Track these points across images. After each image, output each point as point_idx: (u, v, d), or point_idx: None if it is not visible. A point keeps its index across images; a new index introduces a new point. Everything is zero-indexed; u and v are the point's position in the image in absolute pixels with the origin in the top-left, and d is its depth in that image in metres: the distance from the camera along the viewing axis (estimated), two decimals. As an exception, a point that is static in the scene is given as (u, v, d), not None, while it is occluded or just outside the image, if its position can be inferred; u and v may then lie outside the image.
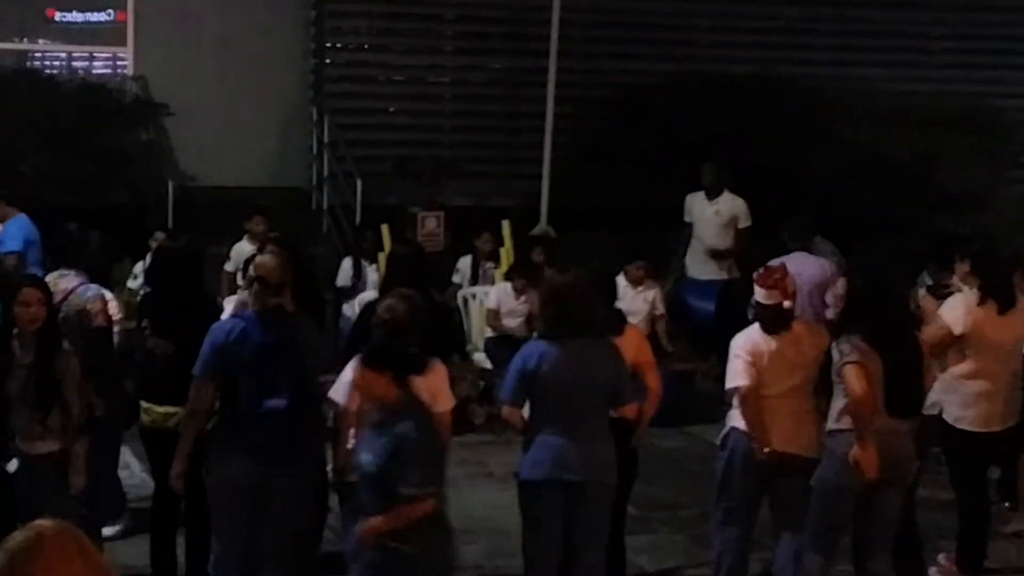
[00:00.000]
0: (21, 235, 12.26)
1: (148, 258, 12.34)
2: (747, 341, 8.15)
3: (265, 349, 7.34)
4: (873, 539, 8.00)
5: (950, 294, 9.24)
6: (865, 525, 7.97)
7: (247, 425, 7.33)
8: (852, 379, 7.61)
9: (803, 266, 11.43)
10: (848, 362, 7.65)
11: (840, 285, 8.32)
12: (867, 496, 7.84)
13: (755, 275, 8.27)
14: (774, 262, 8.59)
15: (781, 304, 8.14)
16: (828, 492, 7.88)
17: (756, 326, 8.19)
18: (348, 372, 7.44)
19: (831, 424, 7.91)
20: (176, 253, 8.91)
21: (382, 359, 6.79)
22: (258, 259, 7.68)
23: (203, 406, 7.33)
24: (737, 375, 8.08)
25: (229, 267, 13.72)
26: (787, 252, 12.05)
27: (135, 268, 13.10)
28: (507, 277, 13.22)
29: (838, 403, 7.81)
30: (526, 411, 7.86)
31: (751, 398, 8.04)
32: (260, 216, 13.60)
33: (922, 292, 9.98)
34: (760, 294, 8.12)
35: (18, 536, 3.79)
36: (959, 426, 8.82)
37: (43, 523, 3.82)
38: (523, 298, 12.65)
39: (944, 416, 8.80)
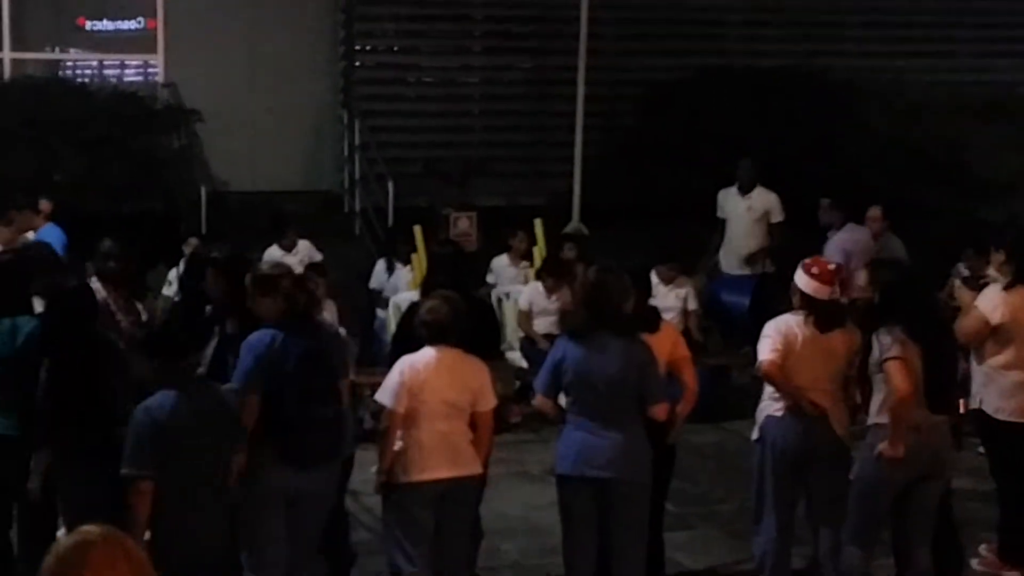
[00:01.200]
0: (58, 245, 12.32)
1: (182, 265, 12.40)
2: (781, 324, 8.09)
3: (307, 358, 7.37)
4: (913, 533, 7.96)
5: (986, 285, 9.19)
6: (905, 519, 7.93)
7: (291, 434, 7.31)
8: (896, 376, 7.56)
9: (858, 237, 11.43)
10: (890, 357, 7.60)
11: (861, 276, 8.25)
12: (907, 490, 7.81)
13: (804, 263, 8.17)
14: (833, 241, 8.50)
15: (838, 300, 8.10)
16: (867, 486, 7.85)
17: (791, 314, 8.13)
18: (395, 374, 7.48)
19: (872, 418, 7.86)
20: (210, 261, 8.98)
21: None
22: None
23: (250, 420, 7.26)
24: (764, 351, 8.03)
25: (263, 271, 13.76)
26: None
27: (169, 275, 13.14)
28: (537, 276, 13.20)
29: (878, 397, 7.76)
30: (562, 401, 7.87)
31: (776, 373, 8.00)
32: (287, 228, 13.76)
33: (958, 283, 9.94)
34: (811, 287, 8.04)
35: (66, 541, 3.84)
36: (998, 416, 8.76)
37: (90, 528, 3.86)
38: (554, 297, 12.63)
39: (983, 407, 8.75)
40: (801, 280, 8.06)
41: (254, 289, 7.51)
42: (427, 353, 7.53)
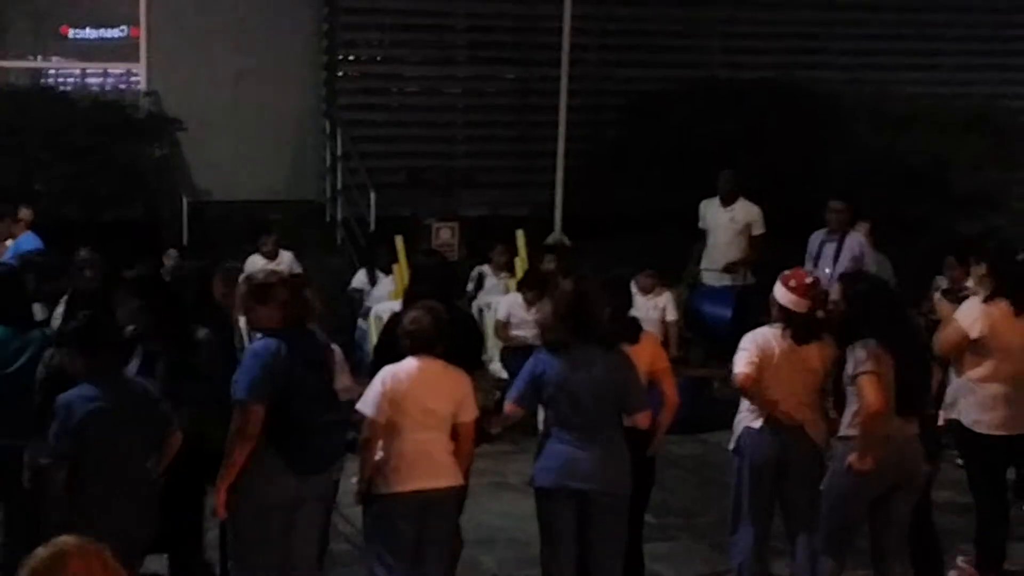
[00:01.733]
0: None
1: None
2: (758, 336, 8.11)
3: (312, 364, 7.36)
4: (889, 544, 7.97)
5: (966, 297, 9.21)
6: (880, 531, 7.94)
7: (300, 441, 7.28)
8: (868, 390, 7.56)
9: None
10: (863, 372, 7.61)
11: (835, 290, 8.26)
12: (879, 502, 7.82)
13: (783, 276, 8.18)
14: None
15: (814, 313, 8.11)
16: (837, 498, 7.85)
17: (768, 327, 8.14)
18: (377, 384, 7.46)
19: (843, 430, 7.88)
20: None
21: None
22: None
23: (256, 430, 7.22)
24: (740, 364, 8.04)
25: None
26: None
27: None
28: (518, 288, 13.19)
29: (850, 409, 7.78)
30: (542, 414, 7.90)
31: (751, 386, 8.01)
32: (266, 235, 13.74)
33: (937, 296, 9.95)
34: (788, 299, 8.05)
35: (41, 552, 3.83)
36: (976, 429, 8.77)
37: (66, 539, 3.87)
38: (533, 309, 12.62)
39: (961, 419, 8.76)
40: (779, 292, 8.08)
41: (250, 298, 7.47)
42: (409, 363, 7.52)
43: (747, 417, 8.16)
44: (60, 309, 9.36)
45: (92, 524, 6.64)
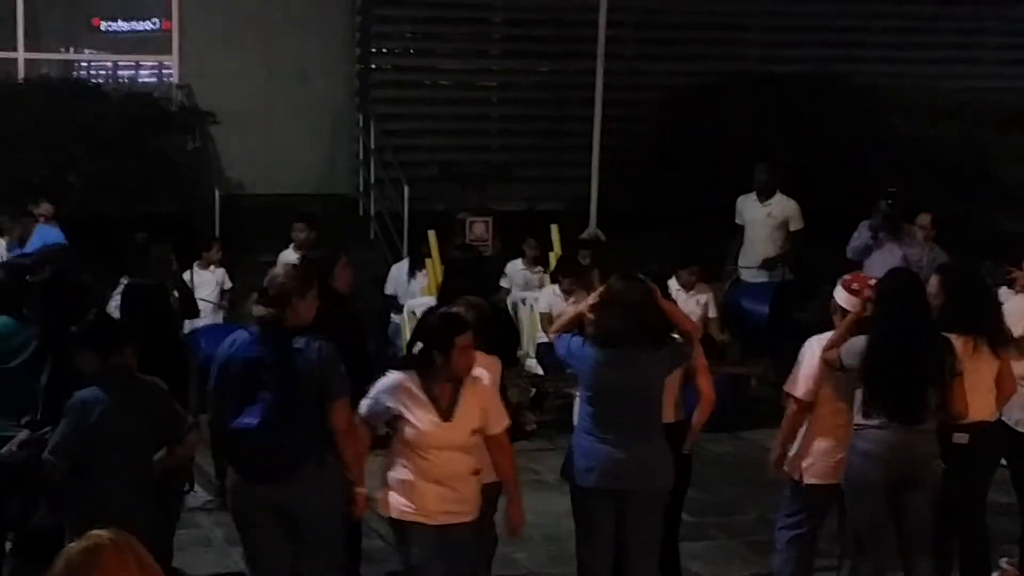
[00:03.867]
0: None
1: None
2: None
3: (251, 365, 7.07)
4: (911, 544, 7.82)
5: (1013, 280, 9.10)
6: (901, 531, 7.81)
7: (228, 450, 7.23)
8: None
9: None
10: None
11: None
12: (897, 500, 7.69)
13: (844, 280, 8.05)
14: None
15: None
16: (854, 488, 7.77)
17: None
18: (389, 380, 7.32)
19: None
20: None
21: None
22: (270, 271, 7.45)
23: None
24: (798, 382, 7.94)
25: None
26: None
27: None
28: (553, 279, 13.05)
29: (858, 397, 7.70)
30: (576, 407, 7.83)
31: (800, 413, 7.93)
32: (302, 223, 13.52)
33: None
34: (852, 303, 7.92)
35: (76, 546, 3.82)
36: (1019, 429, 8.63)
37: (100, 533, 3.86)
38: (571, 299, 12.48)
39: (1005, 419, 8.60)
40: (841, 297, 7.96)
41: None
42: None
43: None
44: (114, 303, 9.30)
45: (96, 523, 6.69)
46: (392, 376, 7.20)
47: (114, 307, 9.12)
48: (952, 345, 7.75)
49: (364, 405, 7.22)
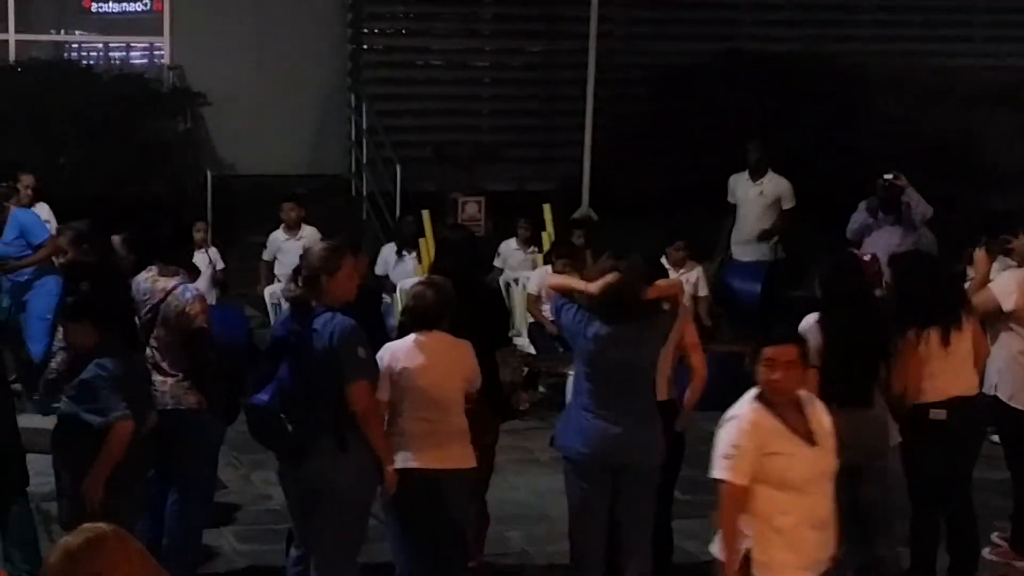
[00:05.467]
0: (39, 225, 12.19)
1: None
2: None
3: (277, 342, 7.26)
4: (868, 525, 7.89)
5: (1010, 250, 9.13)
6: (856, 513, 7.83)
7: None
8: None
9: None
10: None
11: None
12: (849, 483, 7.73)
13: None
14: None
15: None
16: None
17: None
18: (385, 358, 7.36)
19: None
20: None
21: None
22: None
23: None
24: None
25: (266, 256, 13.69)
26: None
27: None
28: (546, 260, 13.06)
29: None
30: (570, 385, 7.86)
31: None
32: (292, 203, 13.57)
33: (979, 251, 9.81)
34: None
35: (76, 537, 3.77)
36: (1013, 404, 8.65)
37: (100, 525, 3.83)
38: (564, 278, 12.49)
39: (998, 394, 8.62)
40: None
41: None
42: (409, 340, 7.44)
43: None
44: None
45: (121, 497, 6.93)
46: None
47: None
48: (893, 328, 7.86)
49: None
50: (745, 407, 6.40)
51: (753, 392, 6.42)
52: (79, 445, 7.18)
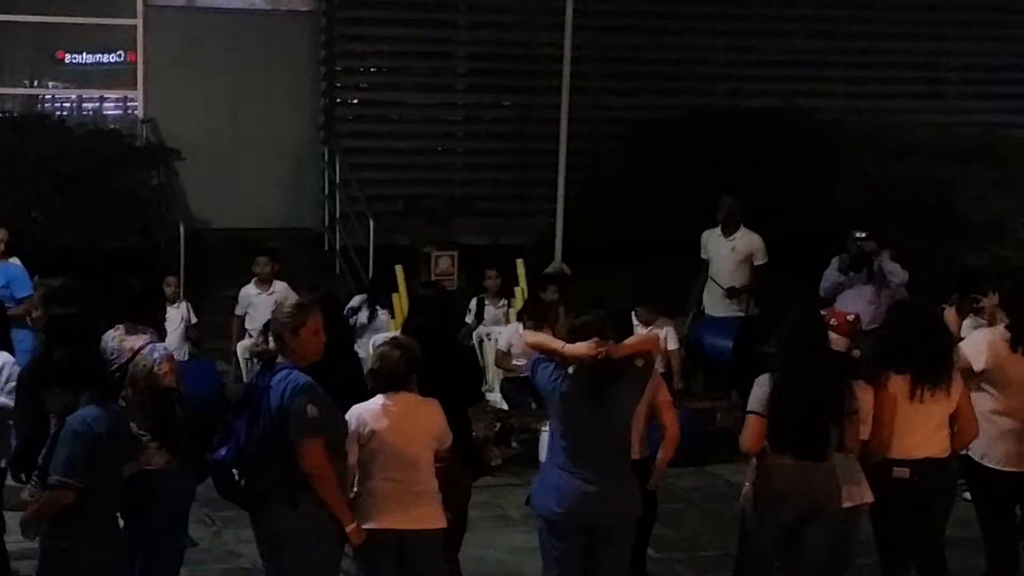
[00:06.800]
0: (25, 278, 12.17)
1: None
2: None
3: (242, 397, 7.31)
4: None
5: (980, 309, 9.14)
6: (792, 565, 7.89)
7: None
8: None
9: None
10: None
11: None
12: (792, 534, 7.79)
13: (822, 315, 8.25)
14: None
15: (851, 351, 8.20)
16: (747, 525, 7.94)
17: None
18: (352, 421, 7.35)
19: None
20: None
21: None
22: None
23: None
24: None
25: (238, 311, 13.65)
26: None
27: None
28: (519, 317, 13.05)
29: None
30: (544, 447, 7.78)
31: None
32: (265, 257, 13.56)
33: (950, 309, 9.86)
34: (832, 339, 8.08)
35: None
36: (985, 463, 8.64)
37: None
38: (536, 336, 12.46)
39: (971, 453, 8.62)
40: (832, 339, 8.06)
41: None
42: (376, 402, 7.43)
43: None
44: None
45: (90, 552, 6.85)
46: None
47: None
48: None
49: None
50: None
51: None
52: None
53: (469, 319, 13.84)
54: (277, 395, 6.99)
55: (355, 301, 13.86)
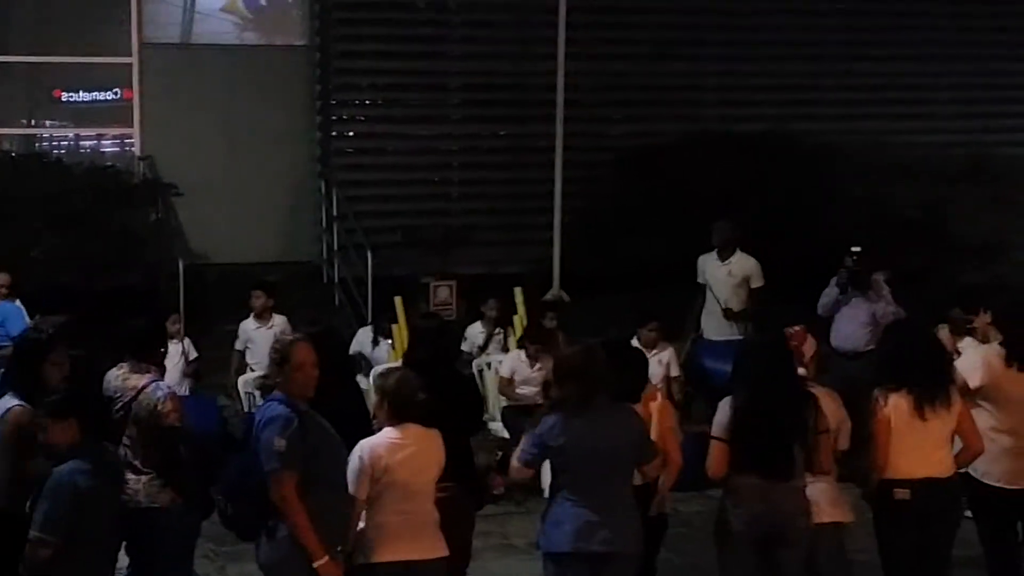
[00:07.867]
0: (23, 318, 12.23)
1: None
2: None
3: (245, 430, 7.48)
4: None
5: (972, 331, 9.18)
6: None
7: None
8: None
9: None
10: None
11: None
12: (764, 559, 7.85)
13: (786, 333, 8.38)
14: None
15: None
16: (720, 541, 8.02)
17: None
18: (355, 460, 7.39)
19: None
20: None
21: None
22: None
23: None
24: None
25: (238, 345, 13.69)
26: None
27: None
28: (519, 344, 13.11)
29: None
30: (546, 476, 7.84)
31: None
32: (259, 291, 13.61)
33: (943, 328, 9.91)
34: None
35: None
36: (985, 481, 8.69)
37: None
38: (537, 365, 12.52)
39: (971, 470, 8.67)
40: None
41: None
42: (387, 436, 7.47)
43: None
44: None
45: None
46: None
47: None
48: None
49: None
50: None
51: None
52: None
53: (465, 347, 13.88)
54: (256, 426, 7.20)
55: (363, 334, 13.92)
